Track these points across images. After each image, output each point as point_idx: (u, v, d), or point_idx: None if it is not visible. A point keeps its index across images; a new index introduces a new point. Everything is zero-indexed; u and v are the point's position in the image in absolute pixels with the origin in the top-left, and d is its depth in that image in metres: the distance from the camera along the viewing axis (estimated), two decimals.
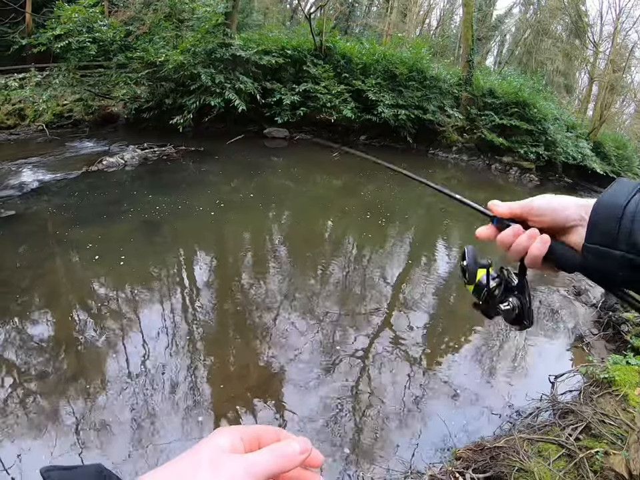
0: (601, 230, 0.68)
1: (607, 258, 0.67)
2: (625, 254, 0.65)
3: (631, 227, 0.65)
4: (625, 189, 0.71)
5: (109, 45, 12.76)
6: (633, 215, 0.66)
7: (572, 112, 23.84)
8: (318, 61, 15.01)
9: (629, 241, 0.65)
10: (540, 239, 0.76)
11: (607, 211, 0.69)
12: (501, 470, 3.21)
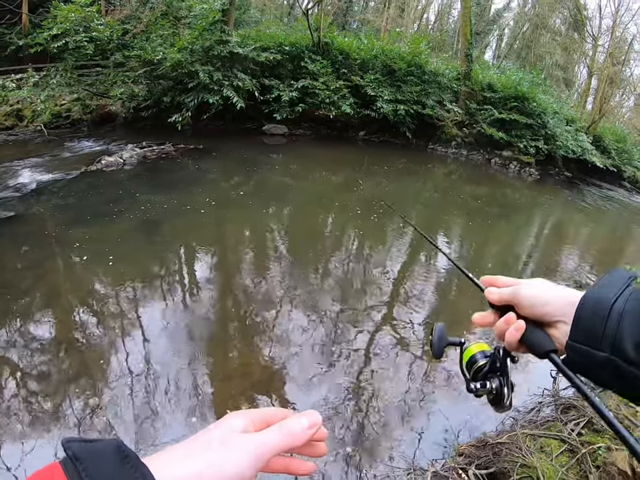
0: (584, 328, 0.66)
1: (590, 358, 0.65)
2: (609, 357, 0.62)
3: (617, 328, 0.62)
4: (616, 283, 0.69)
5: (106, 44, 12.72)
6: (620, 314, 0.63)
7: (571, 106, 23.81)
8: (316, 57, 15.00)
9: (613, 343, 0.62)
10: (514, 326, 0.77)
11: (593, 307, 0.66)
12: (503, 466, 3.21)
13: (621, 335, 0.61)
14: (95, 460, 0.42)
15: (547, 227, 11.70)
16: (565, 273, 7.96)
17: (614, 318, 0.63)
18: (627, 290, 0.67)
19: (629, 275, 0.70)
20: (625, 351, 0.61)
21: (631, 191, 19.39)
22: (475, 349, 0.92)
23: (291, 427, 0.55)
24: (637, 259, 9.80)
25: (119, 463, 0.43)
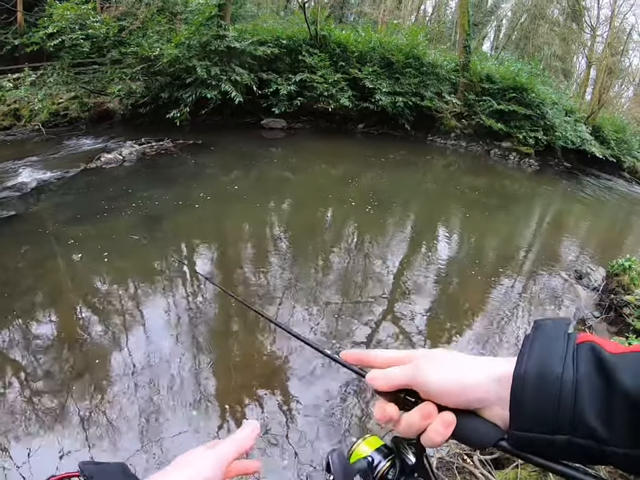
0: (531, 413, 0.52)
1: (545, 445, 0.51)
2: (570, 438, 0.50)
3: (574, 403, 0.50)
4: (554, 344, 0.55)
5: (102, 41, 12.68)
6: (573, 384, 0.50)
7: (570, 96, 23.71)
8: (313, 50, 14.94)
9: (573, 422, 0.49)
10: (441, 422, 0.58)
11: (537, 386, 0.52)
12: None
13: (580, 409, 0.49)
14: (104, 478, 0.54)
15: (546, 217, 11.70)
16: (565, 263, 7.97)
17: (567, 392, 0.50)
18: (569, 349, 0.54)
19: (562, 328, 0.57)
20: (590, 428, 0.48)
21: (631, 181, 19.34)
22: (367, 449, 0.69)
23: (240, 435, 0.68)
24: (636, 249, 9.81)
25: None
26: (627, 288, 6.27)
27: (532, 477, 3.03)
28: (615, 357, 0.51)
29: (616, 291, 6.36)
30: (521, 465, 3.11)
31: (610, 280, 6.68)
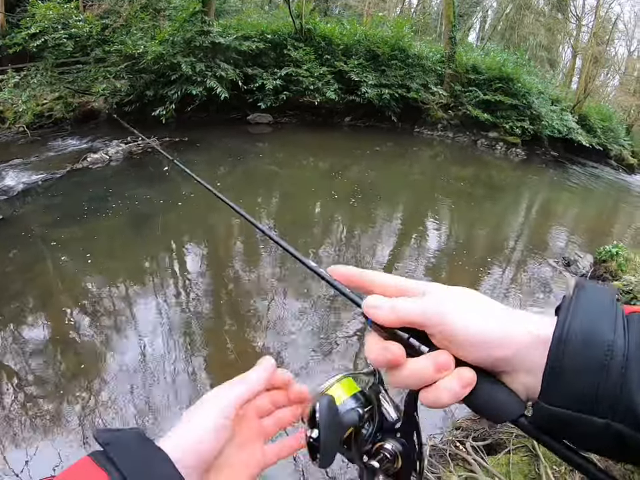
0: (569, 384, 0.42)
1: (576, 426, 0.42)
2: (609, 422, 0.40)
3: (623, 382, 0.40)
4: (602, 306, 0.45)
5: (85, 40, 12.48)
6: (624, 358, 0.41)
7: (556, 86, 23.83)
8: (299, 44, 14.87)
9: (617, 404, 0.40)
10: (458, 379, 0.47)
11: (583, 354, 0.42)
12: (499, 437, 3.29)
13: (628, 391, 0.40)
14: (121, 443, 0.51)
15: (534, 206, 11.77)
16: (553, 251, 8.01)
17: (616, 367, 0.40)
18: (619, 318, 0.44)
19: (610, 293, 0.47)
20: (637, 414, 0.39)
21: (618, 169, 19.52)
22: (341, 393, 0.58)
23: (247, 375, 0.63)
24: (623, 236, 9.89)
25: (140, 445, 0.52)
26: (615, 274, 6.32)
27: (524, 461, 3.05)
28: None
29: (604, 277, 6.41)
30: (513, 451, 3.14)
31: (598, 266, 6.72)
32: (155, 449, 0.52)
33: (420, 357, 0.49)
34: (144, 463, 0.49)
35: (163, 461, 0.50)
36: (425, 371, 0.48)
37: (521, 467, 2.99)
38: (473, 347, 0.46)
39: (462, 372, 0.47)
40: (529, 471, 2.96)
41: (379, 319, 0.50)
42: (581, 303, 0.45)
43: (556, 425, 0.43)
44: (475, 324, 0.46)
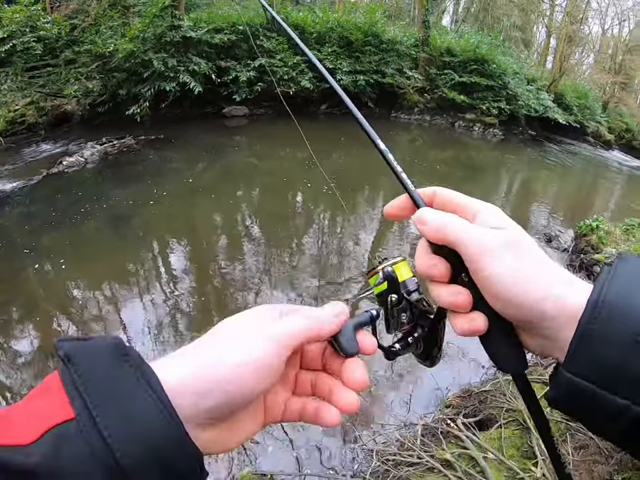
0: (597, 357, 0.40)
1: (595, 402, 0.41)
2: (630, 405, 0.39)
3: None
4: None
5: (54, 42, 12.26)
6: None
7: (531, 65, 23.97)
8: (271, 34, 14.79)
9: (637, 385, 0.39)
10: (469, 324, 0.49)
11: (616, 322, 0.40)
12: (490, 412, 3.34)
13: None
14: (88, 358, 0.38)
15: (514, 185, 11.85)
16: (535, 228, 8.06)
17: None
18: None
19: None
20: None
21: (595, 145, 19.76)
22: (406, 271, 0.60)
23: (317, 314, 0.49)
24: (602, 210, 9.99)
25: (117, 362, 0.39)
26: (596, 247, 6.37)
27: (516, 435, 3.10)
28: None
29: (585, 251, 6.46)
30: (504, 425, 3.18)
31: (579, 240, 6.77)
32: (144, 371, 0.39)
33: (445, 286, 0.50)
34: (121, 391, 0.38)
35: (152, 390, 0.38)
36: (443, 300, 0.50)
37: (513, 441, 3.04)
38: (497, 300, 0.46)
39: (475, 318, 0.48)
40: (521, 443, 3.01)
41: (425, 234, 0.51)
42: (619, 273, 0.43)
43: (573, 399, 0.42)
44: (513, 281, 0.45)
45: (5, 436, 0.34)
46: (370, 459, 3.04)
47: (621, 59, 27.10)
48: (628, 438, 0.42)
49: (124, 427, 0.36)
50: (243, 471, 2.96)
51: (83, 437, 0.35)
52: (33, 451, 0.33)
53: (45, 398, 0.37)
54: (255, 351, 0.43)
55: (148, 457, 0.36)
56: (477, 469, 2.76)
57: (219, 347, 0.44)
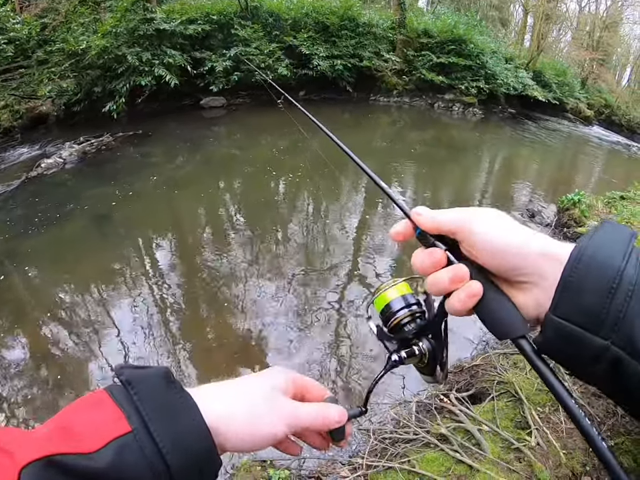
0: (579, 300, 0.46)
1: (579, 343, 0.46)
2: (610, 346, 0.44)
3: (627, 308, 0.44)
4: (617, 241, 0.49)
5: (25, 43, 12.02)
6: (631, 287, 0.44)
7: (509, 44, 24.08)
8: (245, 22, 14.56)
9: (620, 328, 0.44)
10: (466, 290, 0.53)
11: (596, 271, 0.46)
12: (482, 386, 3.38)
13: (631, 319, 0.44)
14: (144, 384, 0.48)
15: (495, 163, 11.92)
16: (518, 204, 8.13)
17: (622, 292, 0.44)
18: (633, 252, 0.47)
19: (629, 232, 0.50)
20: (635, 342, 0.43)
21: (575, 121, 20.01)
22: (394, 293, 0.65)
23: (328, 414, 0.59)
24: (586, 185, 10.09)
25: (165, 388, 0.49)
26: (579, 220, 6.43)
27: (509, 406, 3.13)
28: None
29: (568, 225, 6.52)
30: (497, 397, 3.21)
31: (562, 215, 6.83)
32: (186, 397, 0.50)
33: (444, 269, 0.56)
34: (170, 410, 0.47)
35: (193, 413, 0.49)
36: (442, 281, 0.55)
37: (506, 412, 3.06)
38: (491, 253, 0.53)
39: (471, 283, 0.54)
40: (514, 414, 3.03)
41: (422, 224, 0.58)
42: (599, 233, 0.50)
43: (560, 342, 0.48)
44: (495, 233, 0.53)
45: (71, 446, 0.42)
46: (367, 438, 3.05)
47: (599, 36, 27.25)
48: (609, 380, 0.46)
49: (174, 439, 0.45)
50: (243, 458, 2.95)
51: (140, 446, 0.44)
52: (99, 457, 0.41)
53: (99, 412, 0.45)
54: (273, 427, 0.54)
55: (190, 463, 0.46)
56: (472, 441, 2.78)
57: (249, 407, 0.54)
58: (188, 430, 0.47)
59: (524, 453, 2.62)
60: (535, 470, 2.49)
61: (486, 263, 0.53)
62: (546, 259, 0.50)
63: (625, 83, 33.59)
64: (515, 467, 2.53)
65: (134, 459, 0.43)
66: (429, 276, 0.57)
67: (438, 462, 2.64)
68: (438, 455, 2.69)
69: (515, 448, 2.68)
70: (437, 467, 2.60)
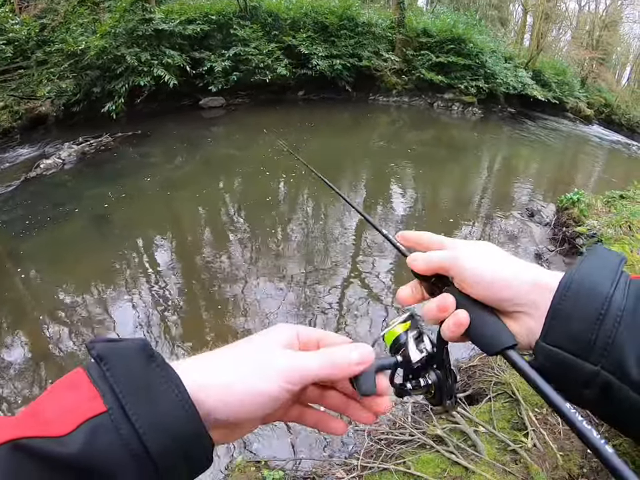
0: (568, 327, 0.47)
1: (570, 369, 0.47)
2: (600, 371, 0.45)
3: (616, 333, 0.45)
4: (607, 267, 0.50)
5: (25, 44, 11.97)
6: (619, 313, 0.45)
7: (508, 44, 24.05)
8: (244, 22, 14.56)
9: (610, 353, 0.44)
10: (453, 319, 0.54)
11: (583, 300, 0.47)
12: (479, 386, 3.37)
13: (620, 344, 0.44)
14: (118, 359, 0.43)
15: (495, 163, 11.89)
16: (517, 204, 8.12)
17: (611, 318, 0.45)
18: (622, 278, 0.48)
19: (618, 257, 0.51)
20: (625, 367, 0.43)
21: (575, 120, 19.97)
22: (400, 330, 0.65)
23: (334, 356, 0.51)
24: (585, 185, 10.08)
25: (145, 363, 0.44)
26: (578, 220, 6.41)
27: (506, 407, 3.11)
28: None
29: (567, 224, 6.51)
30: (494, 398, 3.19)
31: (561, 214, 6.82)
32: (167, 372, 0.44)
33: (434, 298, 0.58)
34: (148, 388, 0.42)
35: (176, 388, 0.43)
36: (431, 310, 0.57)
37: (503, 413, 3.05)
38: (482, 286, 0.54)
39: (457, 312, 0.54)
40: (511, 415, 3.02)
41: (417, 268, 0.60)
42: (588, 260, 0.51)
43: (551, 367, 0.48)
44: (485, 267, 0.54)
45: (39, 429, 0.38)
46: (363, 439, 3.04)
47: (598, 35, 27.24)
48: (601, 404, 0.47)
49: (153, 420, 0.41)
50: (238, 458, 2.94)
51: (115, 427, 0.39)
52: (70, 440, 0.38)
53: (73, 393, 0.42)
54: (263, 384, 0.46)
55: (173, 446, 0.41)
56: (468, 443, 2.77)
57: (232, 368, 0.48)
58: (169, 408, 0.42)
59: (520, 454, 2.60)
60: (532, 472, 2.48)
61: (479, 296, 0.54)
62: (537, 289, 0.51)
63: (625, 82, 33.58)
64: (511, 469, 2.51)
65: (108, 441, 0.39)
66: (424, 306, 0.59)
67: (433, 463, 2.63)
68: (433, 456, 2.68)
69: (511, 449, 2.67)
70: (433, 469, 2.59)
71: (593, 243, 5.68)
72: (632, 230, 5.82)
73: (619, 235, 5.65)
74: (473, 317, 0.54)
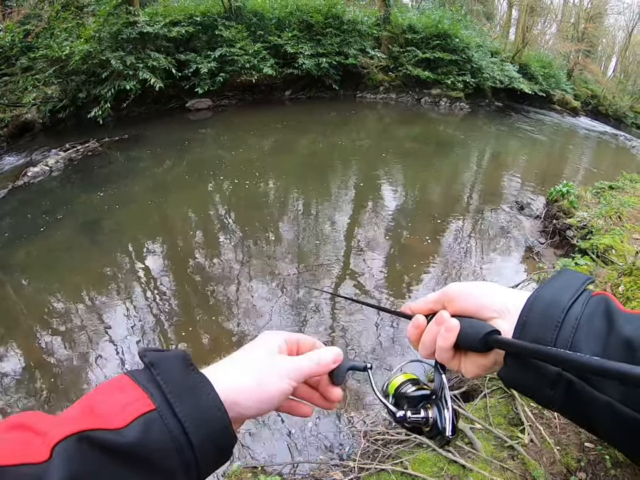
0: (532, 335, 0.54)
1: (534, 372, 0.53)
2: (561, 372, 0.50)
3: (573, 339, 0.51)
4: (571, 285, 0.57)
5: (8, 50, 11.86)
6: (576, 321, 0.52)
7: (494, 38, 24.11)
8: (229, 23, 14.55)
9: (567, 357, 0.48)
10: (445, 326, 0.61)
11: (544, 311, 0.54)
12: (474, 383, 3.36)
13: (578, 348, 0.50)
14: (166, 365, 0.52)
15: (484, 157, 11.91)
16: (507, 198, 8.14)
17: (569, 325, 0.52)
18: (583, 295, 0.55)
19: (583, 277, 0.58)
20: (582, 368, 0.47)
21: (562, 113, 20.09)
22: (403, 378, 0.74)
23: (319, 358, 0.64)
24: (574, 177, 10.13)
25: (185, 369, 0.53)
26: (568, 212, 6.42)
27: (501, 403, 3.10)
28: (625, 313, 0.52)
29: (557, 216, 6.52)
30: (489, 394, 3.18)
31: (550, 206, 6.83)
32: (202, 377, 0.53)
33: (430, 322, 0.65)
34: (190, 390, 0.51)
35: (210, 392, 0.52)
36: (432, 328, 0.63)
37: (498, 409, 3.04)
38: (462, 300, 0.63)
39: (449, 320, 0.61)
40: (507, 411, 3.00)
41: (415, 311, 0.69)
42: (554, 279, 0.59)
43: (519, 372, 0.55)
44: (468, 284, 0.64)
45: (98, 422, 0.45)
46: (359, 440, 3.03)
47: (583, 27, 27.41)
48: (566, 403, 0.52)
49: (194, 416, 0.49)
50: (233, 465, 2.92)
51: (164, 422, 0.47)
52: (127, 432, 0.45)
53: (122, 394, 0.49)
54: (281, 383, 0.58)
55: (208, 439, 0.50)
56: (465, 440, 2.75)
57: (253, 372, 0.58)
58: (206, 406, 0.50)
59: (517, 450, 2.59)
60: (529, 467, 2.46)
61: (463, 308, 0.62)
62: (511, 301, 0.59)
63: (611, 74, 33.83)
64: (509, 465, 2.50)
65: (159, 435, 0.46)
66: (422, 338, 0.66)
67: (430, 462, 2.61)
68: (430, 455, 2.66)
69: (508, 446, 2.65)
70: (430, 468, 2.58)
71: (583, 234, 5.70)
72: (622, 220, 5.85)
73: (609, 225, 5.67)
74: (461, 325, 0.60)
